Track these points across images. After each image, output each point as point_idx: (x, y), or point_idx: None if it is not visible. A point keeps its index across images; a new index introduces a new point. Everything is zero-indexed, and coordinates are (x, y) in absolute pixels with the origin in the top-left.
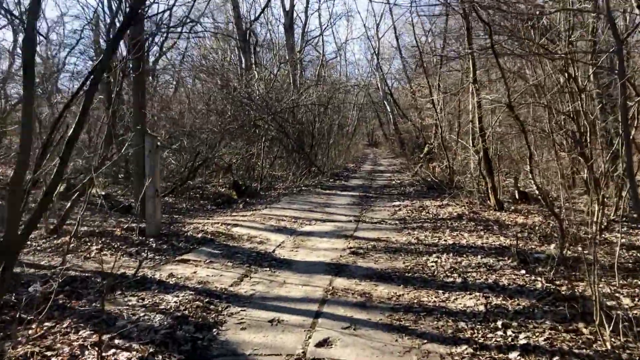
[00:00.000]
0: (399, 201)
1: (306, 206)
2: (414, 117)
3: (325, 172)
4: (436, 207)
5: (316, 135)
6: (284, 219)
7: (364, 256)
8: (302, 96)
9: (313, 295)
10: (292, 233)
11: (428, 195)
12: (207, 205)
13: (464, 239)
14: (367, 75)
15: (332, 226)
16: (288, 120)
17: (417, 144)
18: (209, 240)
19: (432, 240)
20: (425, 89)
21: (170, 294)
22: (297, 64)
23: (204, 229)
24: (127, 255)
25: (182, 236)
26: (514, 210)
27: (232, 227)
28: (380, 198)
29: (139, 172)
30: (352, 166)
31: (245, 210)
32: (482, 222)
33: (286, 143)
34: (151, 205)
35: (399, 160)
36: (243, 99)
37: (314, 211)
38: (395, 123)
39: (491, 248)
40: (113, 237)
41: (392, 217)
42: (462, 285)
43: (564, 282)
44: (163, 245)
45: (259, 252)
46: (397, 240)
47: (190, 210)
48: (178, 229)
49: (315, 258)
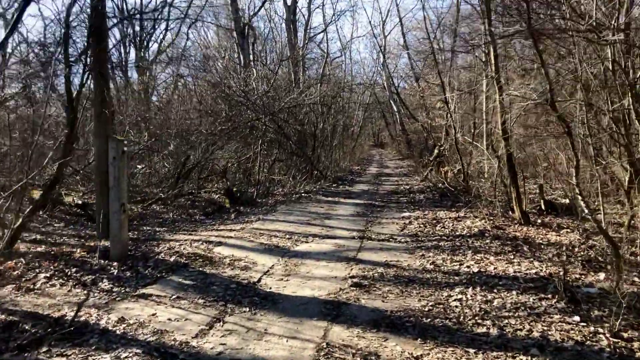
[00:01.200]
0: (408, 211)
1: (304, 217)
2: (422, 117)
3: (328, 177)
4: (452, 220)
5: (319, 136)
6: (277, 235)
7: (369, 289)
8: (303, 95)
9: (300, 357)
10: (284, 254)
11: (441, 204)
12: (196, 215)
13: (490, 264)
14: (372, 75)
15: (332, 245)
16: (288, 121)
17: (425, 146)
18: (182, 266)
19: (452, 265)
20: (435, 87)
21: (110, 352)
22: (299, 61)
23: (180, 249)
24: (80, 286)
25: (152, 259)
26: (542, 224)
27: (214, 246)
28: (388, 207)
29: (101, 182)
30: (357, 169)
31: (235, 222)
32: (508, 241)
33: (285, 145)
34: (116, 223)
35: (406, 162)
36: (239, 97)
37: (313, 224)
38: (402, 123)
39: (527, 278)
40: (69, 260)
41: (402, 232)
42: (499, 341)
43: (633, 333)
44: (126, 272)
45: (241, 282)
46: (410, 266)
47: (176, 221)
48: (150, 249)
49: (308, 292)
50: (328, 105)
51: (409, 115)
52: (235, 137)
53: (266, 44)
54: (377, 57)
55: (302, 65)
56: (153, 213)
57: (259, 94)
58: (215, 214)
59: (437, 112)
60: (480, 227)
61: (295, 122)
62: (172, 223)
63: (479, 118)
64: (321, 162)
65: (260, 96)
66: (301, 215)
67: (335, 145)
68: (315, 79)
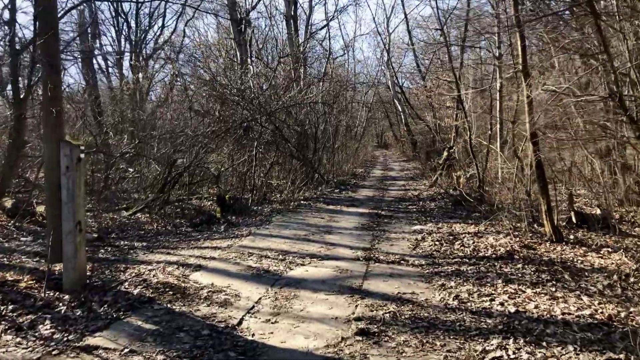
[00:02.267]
0: (419, 223)
1: (302, 231)
2: (429, 117)
3: (330, 181)
4: (472, 237)
5: (320, 138)
6: (268, 255)
7: (380, 340)
8: (302, 92)
9: None
10: (275, 281)
11: (455, 215)
12: (182, 227)
13: (529, 300)
14: (376, 74)
15: (332, 268)
16: (287, 122)
17: (432, 148)
18: (147, 302)
19: (481, 301)
20: (444, 85)
21: None
22: (299, 58)
23: (149, 277)
24: (13, 332)
25: (112, 291)
26: (577, 242)
27: (192, 271)
28: (396, 217)
29: (51, 196)
30: (361, 172)
31: (224, 235)
32: (544, 266)
33: (283, 148)
34: (70, 246)
35: (412, 165)
36: (233, 96)
37: (311, 240)
38: (407, 124)
39: (581, 324)
40: (11, 291)
41: (415, 251)
42: None
43: None
44: (77, 309)
45: (216, 326)
46: (429, 301)
47: (160, 234)
48: (115, 275)
49: (302, 342)
50: (330, 105)
51: (415, 115)
52: (229, 139)
53: (266, 42)
54: (380, 55)
55: (302, 62)
56: (136, 223)
57: (255, 92)
58: (204, 225)
59: (446, 112)
60: (506, 245)
61: (294, 123)
62: (154, 236)
63: (493, 119)
64: (322, 166)
65: (256, 95)
66: (298, 229)
67: (338, 147)
68: (316, 77)
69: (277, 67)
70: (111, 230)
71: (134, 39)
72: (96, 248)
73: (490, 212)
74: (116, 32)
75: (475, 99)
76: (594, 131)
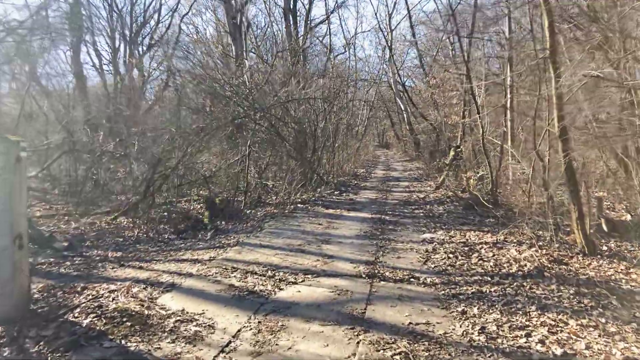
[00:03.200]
0: (428, 231)
1: (296, 240)
2: (434, 114)
3: (330, 182)
4: (490, 248)
5: (320, 137)
6: (255, 271)
7: None
8: (300, 87)
9: None
10: (260, 306)
11: (468, 221)
12: (165, 234)
13: (575, 337)
14: (377, 72)
15: (329, 288)
16: (283, 119)
17: (436, 147)
18: (96, 337)
19: (514, 336)
20: (451, 80)
21: None
22: (298, 53)
23: (107, 300)
24: None
25: (56, 321)
26: (613, 255)
27: (162, 292)
28: (402, 224)
29: None
30: (362, 172)
31: (209, 245)
32: (583, 287)
33: (280, 147)
34: (6, 265)
35: (414, 165)
36: (226, 91)
37: (306, 251)
38: (410, 122)
39: None
40: None
41: (426, 265)
42: None
43: None
44: (4, 348)
45: None
46: (448, 336)
47: (139, 242)
48: (67, 298)
49: None
50: (330, 101)
51: (418, 113)
52: (220, 137)
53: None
54: (382, 52)
55: (300, 57)
56: (116, 229)
57: (249, 87)
58: (189, 231)
59: (452, 109)
60: (532, 259)
61: (292, 121)
62: (132, 244)
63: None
64: (322, 166)
65: (250, 90)
66: (293, 237)
67: (338, 147)
68: (316, 73)
69: (275, 61)
70: (86, 238)
71: (129, 34)
72: (62, 260)
73: (506, 218)
74: (110, 29)
75: (479, 95)
76: (625, 128)
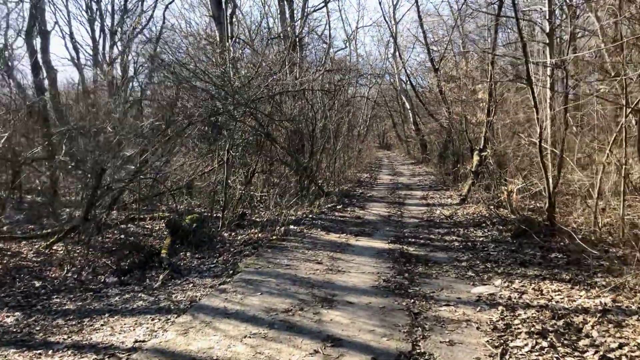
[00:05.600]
0: (481, 280)
1: (282, 298)
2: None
3: (330, 193)
4: (600, 323)
5: (319, 138)
6: None
7: None
8: (292, 74)
9: None
10: None
11: (527, 257)
12: (103, 274)
13: None
14: (380, 70)
15: None
16: (273, 117)
17: (448, 149)
18: None
19: None
20: (474, 72)
21: None
22: (292, 38)
23: None
24: None
25: None
26: None
27: None
28: (435, 261)
29: None
30: (367, 177)
31: (147, 307)
32: None
33: (267, 150)
34: None
35: (422, 169)
36: (201, 81)
37: (297, 327)
38: (416, 122)
39: None
40: None
41: None
42: None
43: None
44: None
45: None
46: None
47: (56, 291)
48: None
49: None
50: (332, 94)
51: (427, 112)
52: (192, 138)
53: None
54: (386, 47)
55: (296, 43)
56: (41, 265)
57: (230, 77)
58: (136, 271)
59: (477, 105)
60: None
61: (285, 118)
62: (48, 295)
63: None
64: (322, 171)
65: (231, 81)
66: (277, 292)
67: (339, 149)
68: (313, 63)
69: (266, 49)
70: None
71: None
72: None
73: (576, 252)
74: (90, 22)
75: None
76: None
